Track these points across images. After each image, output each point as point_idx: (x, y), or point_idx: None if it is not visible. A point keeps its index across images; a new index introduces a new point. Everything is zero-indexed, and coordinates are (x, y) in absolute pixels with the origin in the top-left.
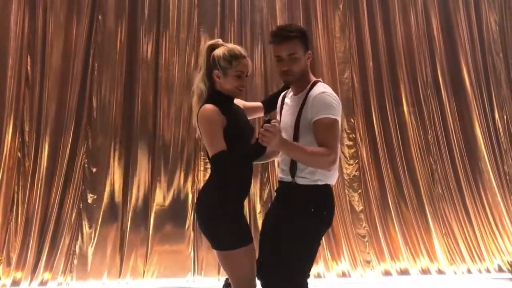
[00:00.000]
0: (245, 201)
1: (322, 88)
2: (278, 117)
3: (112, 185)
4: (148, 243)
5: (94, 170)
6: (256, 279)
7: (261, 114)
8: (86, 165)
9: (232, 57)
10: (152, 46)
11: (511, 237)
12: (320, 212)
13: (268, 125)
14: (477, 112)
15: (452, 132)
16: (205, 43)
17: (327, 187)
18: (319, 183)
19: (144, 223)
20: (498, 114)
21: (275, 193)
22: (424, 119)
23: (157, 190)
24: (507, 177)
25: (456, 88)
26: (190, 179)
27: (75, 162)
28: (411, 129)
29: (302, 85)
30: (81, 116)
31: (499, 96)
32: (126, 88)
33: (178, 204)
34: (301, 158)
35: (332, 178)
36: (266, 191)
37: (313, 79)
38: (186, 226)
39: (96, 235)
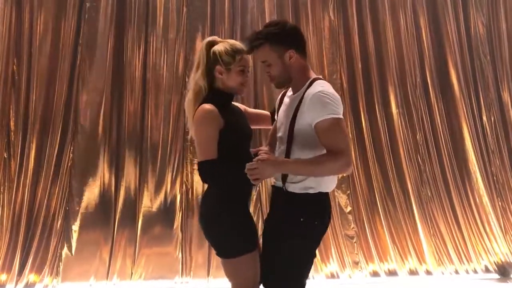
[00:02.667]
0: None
1: (318, 87)
2: (275, 116)
3: (100, 186)
4: (136, 245)
5: (82, 171)
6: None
7: (269, 125)
8: (73, 166)
9: (235, 52)
10: (140, 46)
11: (498, 238)
12: (311, 221)
13: (251, 164)
14: (465, 114)
15: (440, 134)
16: (203, 40)
17: (321, 195)
18: (311, 191)
19: (132, 224)
20: (486, 116)
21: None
22: (412, 120)
23: (145, 192)
24: (494, 178)
25: (444, 89)
26: (178, 180)
27: (62, 162)
28: (400, 130)
29: (300, 83)
30: (68, 117)
31: (486, 98)
32: (114, 88)
33: (166, 206)
34: (309, 172)
35: (327, 185)
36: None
37: (312, 76)
38: (174, 228)
39: (84, 236)
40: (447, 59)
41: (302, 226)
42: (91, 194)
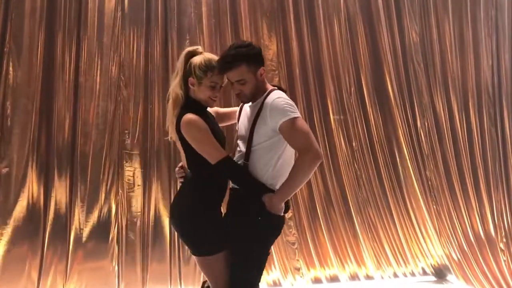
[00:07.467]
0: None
1: (275, 95)
2: (236, 123)
3: (29, 198)
4: (68, 259)
5: (9, 182)
6: None
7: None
8: None
9: (208, 68)
10: (72, 50)
11: (434, 240)
12: (268, 220)
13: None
14: (399, 120)
15: (376, 140)
16: (185, 49)
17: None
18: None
19: (63, 238)
20: (420, 122)
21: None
22: (349, 127)
23: (77, 203)
24: (429, 182)
25: (380, 97)
26: (113, 190)
27: None
28: (337, 137)
29: (260, 94)
30: None
31: (420, 105)
32: (43, 94)
33: (100, 218)
34: (296, 186)
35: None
36: None
37: (270, 87)
38: (109, 240)
39: (10, 252)
40: (383, 67)
41: (259, 225)
42: (19, 205)
